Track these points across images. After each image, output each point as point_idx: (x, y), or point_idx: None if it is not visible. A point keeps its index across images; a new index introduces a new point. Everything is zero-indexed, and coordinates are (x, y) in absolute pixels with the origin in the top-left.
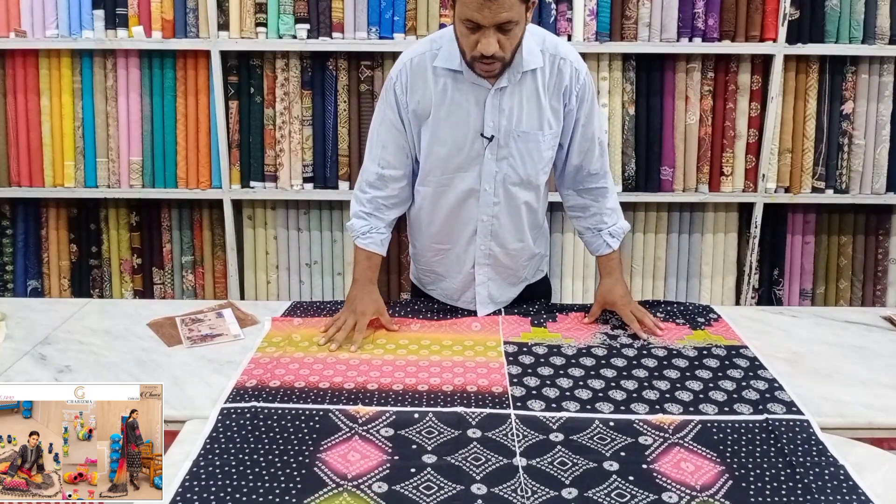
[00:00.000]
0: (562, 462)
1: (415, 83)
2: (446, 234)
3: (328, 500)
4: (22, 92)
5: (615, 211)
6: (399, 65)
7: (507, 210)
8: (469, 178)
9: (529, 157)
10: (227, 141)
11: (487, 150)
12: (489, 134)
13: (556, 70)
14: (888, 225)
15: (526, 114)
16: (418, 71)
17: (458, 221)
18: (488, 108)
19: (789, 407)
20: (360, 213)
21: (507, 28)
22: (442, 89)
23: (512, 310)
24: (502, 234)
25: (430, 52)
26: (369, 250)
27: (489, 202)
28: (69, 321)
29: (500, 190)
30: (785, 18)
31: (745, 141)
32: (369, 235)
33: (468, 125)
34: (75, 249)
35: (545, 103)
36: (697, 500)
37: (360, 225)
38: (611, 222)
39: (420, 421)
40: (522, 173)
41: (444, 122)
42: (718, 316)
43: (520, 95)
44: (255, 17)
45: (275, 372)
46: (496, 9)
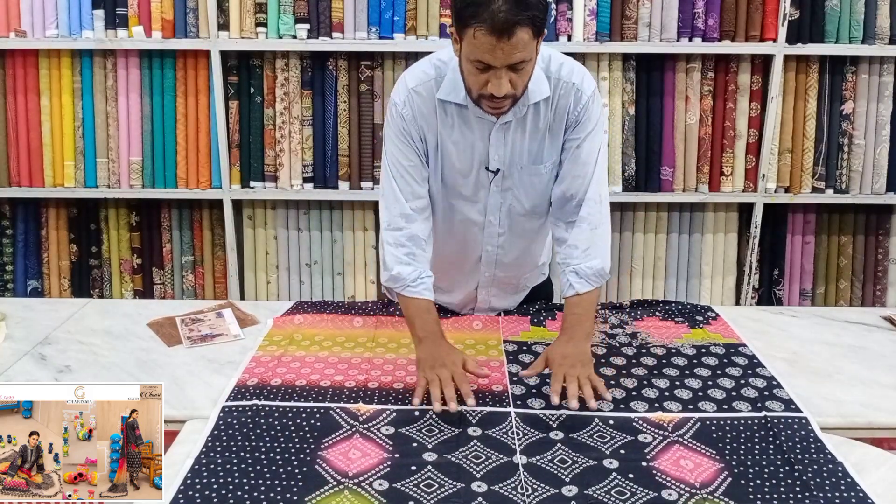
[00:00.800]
0: (562, 460)
1: (420, 113)
2: (449, 262)
3: (329, 497)
4: (22, 92)
5: (591, 247)
6: (403, 92)
7: (512, 239)
8: (474, 209)
9: (534, 188)
10: (227, 141)
11: (493, 182)
12: (494, 167)
13: (560, 96)
14: (888, 225)
15: (528, 146)
16: (424, 100)
17: (462, 251)
18: (493, 141)
19: (787, 405)
20: (401, 257)
21: (519, 67)
22: (447, 121)
23: (512, 309)
24: (507, 261)
25: (435, 80)
26: (423, 298)
27: (494, 233)
28: (69, 321)
29: (505, 221)
30: (785, 18)
31: (745, 141)
32: (421, 281)
33: (473, 157)
34: (75, 249)
35: (546, 134)
36: (697, 498)
37: (409, 272)
38: (580, 258)
39: (420, 419)
40: (528, 204)
41: (449, 154)
42: (717, 314)
43: (524, 128)
44: (255, 17)
45: (276, 370)
46: (509, 50)
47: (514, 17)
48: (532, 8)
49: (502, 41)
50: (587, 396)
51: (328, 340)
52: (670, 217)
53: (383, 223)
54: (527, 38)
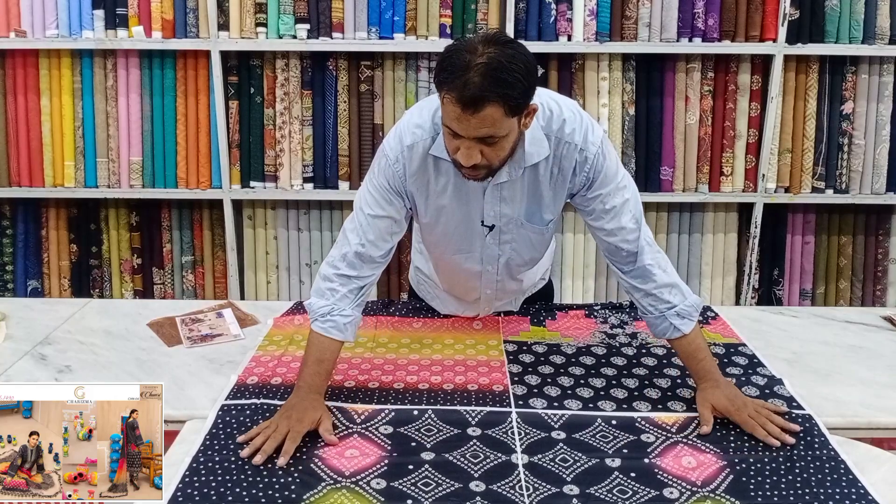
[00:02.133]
0: (563, 459)
1: (414, 171)
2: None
3: (326, 496)
4: (22, 92)
5: (675, 286)
6: (397, 147)
7: (509, 281)
8: (471, 259)
9: (531, 244)
10: (227, 141)
11: (489, 237)
12: (489, 223)
13: (560, 156)
14: (888, 225)
15: (526, 206)
16: (419, 158)
17: (461, 288)
18: (488, 199)
19: (789, 402)
20: (324, 290)
21: (490, 142)
22: (442, 178)
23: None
24: (508, 290)
25: (431, 138)
26: (328, 336)
27: (492, 280)
28: (69, 321)
29: (503, 270)
30: (785, 18)
31: (745, 141)
32: (331, 319)
33: (469, 214)
34: (75, 249)
35: (546, 193)
36: (699, 496)
37: (320, 305)
38: (673, 300)
39: (419, 419)
40: (527, 256)
41: (444, 209)
42: (716, 314)
43: (521, 187)
44: (255, 17)
45: (276, 370)
46: (476, 123)
47: (483, 92)
48: (507, 86)
49: (468, 113)
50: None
51: None
52: (670, 217)
53: (330, 254)
54: (497, 116)
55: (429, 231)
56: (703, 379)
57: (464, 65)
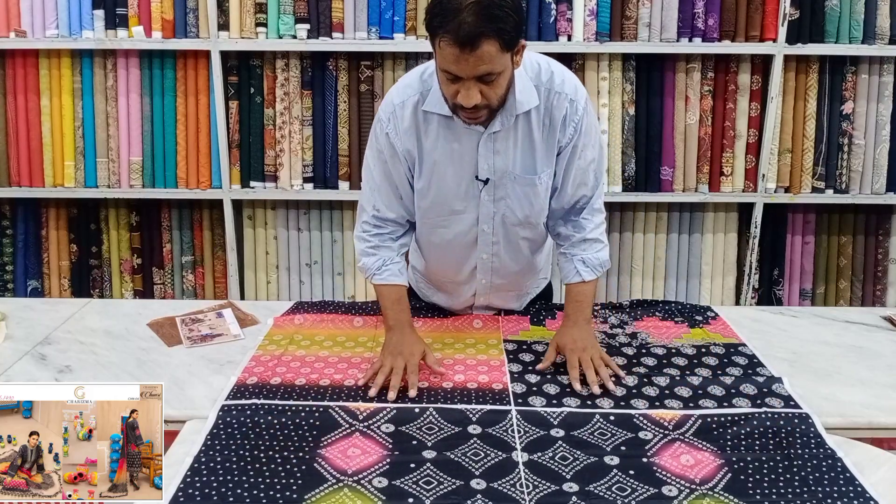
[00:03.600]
0: (563, 457)
1: (407, 128)
2: (445, 271)
3: (329, 495)
4: (22, 92)
5: (598, 241)
6: (388, 107)
7: (507, 248)
8: (467, 219)
9: (527, 199)
10: (227, 141)
11: (483, 192)
12: (484, 177)
13: (550, 108)
14: (888, 225)
15: (521, 157)
16: (409, 115)
17: (458, 261)
18: (482, 151)
19: (787, 401)
20: (366, 249)
21: (488, 79)
22: (434, 134)
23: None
24: (503, 269)
25: (421, 94)
26: (390, 283)
27: (488, 241)
28: (69, 321)
29: (499, 230)
30: (785, 18)
31: (745, 141)
32: (386, 268)
33: (462, 169)
34: (75, 249)
35: (539, 145)
36: (697, 494)
37: (372, 262)
38: (588, 250)
39: (420, 417)
40: (521, 214)
41: (437, 166)
42: (716, 314)
43: (514, 138)
44: (255, 17)
45: (276, 370)
46: (474, 61)
47: (478, 28)
48: (500, 21)
49: (465, 52)
50: (605, 379)
51: (328, 340)
52: (670, 217)
53: (357, 221)
54: (493, 51)
55: (423, 196)
56: (568, 318)
57: (455, 7)
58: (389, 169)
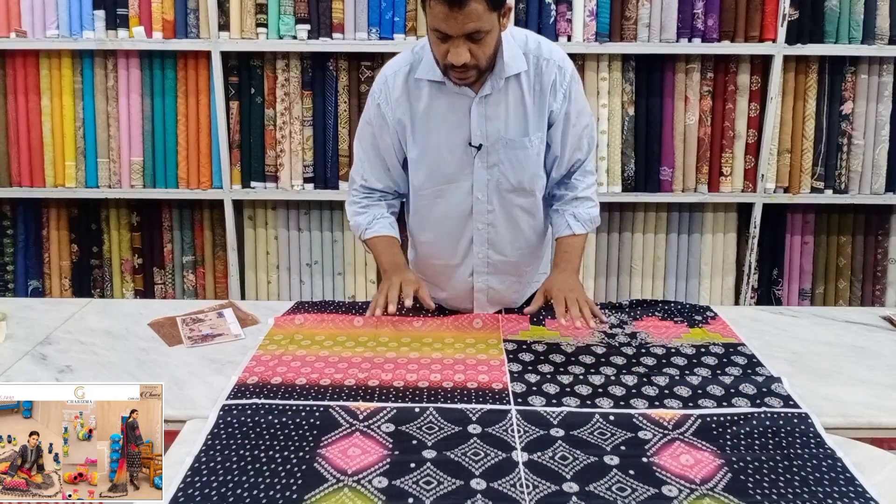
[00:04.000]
0: (562, 457)
1: (398, 97)
2: (443, 247)
3: (329, 495)
4: (22, 92)
5: (588, 199)
6: (381, 79)
7: (502, 217)
8: (461, 188)
9: (519, 163)
10: (227, 141)
11: (477, 158)
12: (477, 143)
13: (539, 73)
14: (887, 225)
15: (512, 120)
16: (401, 84)
17: (454, 232)
18: (474, 116)
19: (786, 401)
20: (357, 210)
21: (476, 37)
22: (426, 101)
23: (511, 308)
24: (500, 242)
25: (412, 64)
26: (381, 234)
27: (483, 210)
28: (70, 321)
29: (493, 197)
30: (784, 19)
31: (745, 141)
32: (377, 222)
33: (455, 135)
34: (76, 249)
35: (530, 108)
36: (697, 493)
37: (363, 219)
38: (579, 206)
39: (420, 416)
40: (514, 180)
41: (431, 133)
42: (715, 314)
43: (505, 102)
44: (255, 17)
45: (276, 369)
46: (462, 19)
47: None
48: None
49: (454, 10)
50: (587, 317)
51: (329, 340)
52: (670, 217)
53: (349, 186)
54: (481, 10)
55: (418, 167)
56: (557, 265)
57: None
58: (378, 141)
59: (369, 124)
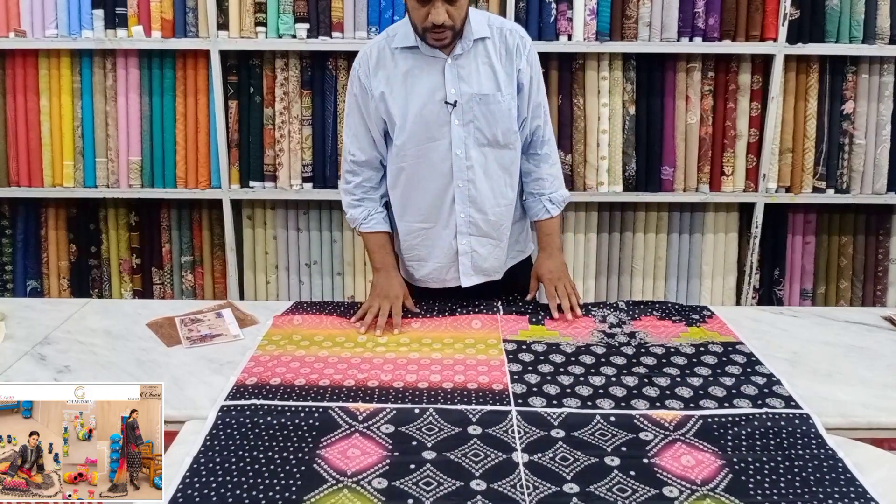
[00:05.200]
0: (563, 458)
1: (376, 66)
2: (427, 209)
3: (328, 496)
4: (21, 92)
5: (557, 178)
6: (360, 55)
7: (480, 173)
8: (441, 145)
9: (493, 117)
10: (226, 141)
11: (453, 115)
12: (452, 100)
13: (504, 39)
14: (888, 225)
15: (483, 78)
16: (378, 55)
17: (436, 191)
18: (448, 76)
19: (788, 402)
20: (352, 202)
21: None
22: (403, 67)
23: (510, 308)
24: (480, 198)
25: (387, 38)
26: (376, 231)
27: (462, 167)
28: (69, 321)
29: (471, 152)
30: (785, 18)
31: (746, 141)
32: (371, 218)
33: (432, 95)
34: (74, 249)
35: (499, 68)
36: (698, 494)
37: (358, 213)
38: (552, 188)
39: (420, 417)
40: (489, 134)
41: (409, 95)
42: (712, 313)
43: (475, 62)
44: (254, 16)
45: (275, 370)
46: None
47: None
48: None
49: None
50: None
51: (328, 341)
52: (671, 217)
53: (340, 181)
54: None
55: (400, 131)
56: (544, 249)
57: None
58: (362, 112)
59: (355, 97)
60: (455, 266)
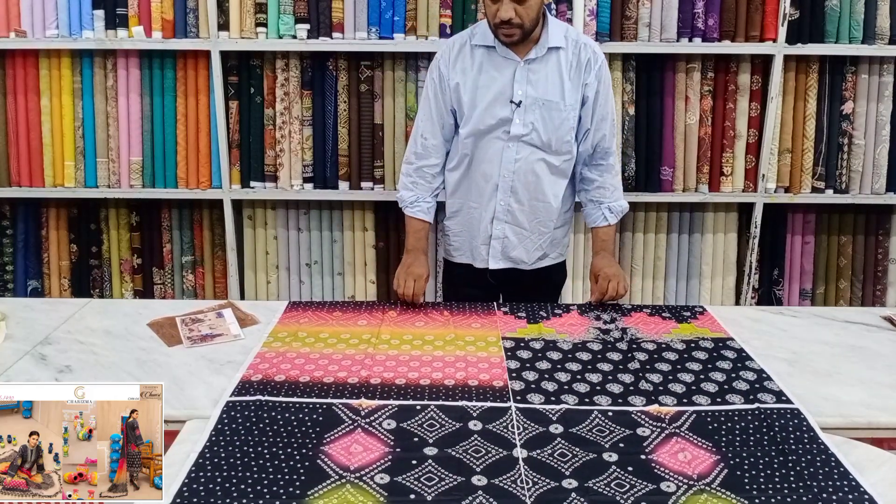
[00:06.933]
0: (562, 453)
1: (457, 59)
2: (475, 193)
3: (331, 491)
4: (22, 92)
5: (618, 189)
6: (444, 46)
7: (526, 168)
8: (499, 140)
9: (551, 122)
10: (227, 141)
11: (515, 114)
12: (517, 100)
13: (578, 52)
14: (888, 225)
15: (550, 85)
16: (460, 49)
17: (485, 178)
18: (518, 77)
19: (778, 397)
20: (407, 183)
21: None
22: (479, 62)
23: (510, 308)
24: (521, 190)
25: (470, 34)
26: (418, 217)
27: (511, 159)
28: (69, 321)
29: (523, 150)
30: (785, 18)
31: (745, 141)
32: (417, 204)
33: (501, 92)
34: (75, 249)
35: (567, 79)
36: (695, 489)
37: (408, 196)
38: (612, 198)
39: (422, 414)
40: (544, 137)
41: (480, 89)
42: (703, 309)
43: (545, 70)
44: (255, 17)
45: (280, 367)
46: None
47: None
48: None
49: None
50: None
51: (333, 338)
52: (670, 217)
53: (405, 156)
54: None
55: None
56: (597, 253)
57: None
58: (439, 98)
59: (433, 83)
60: (487, 246)
